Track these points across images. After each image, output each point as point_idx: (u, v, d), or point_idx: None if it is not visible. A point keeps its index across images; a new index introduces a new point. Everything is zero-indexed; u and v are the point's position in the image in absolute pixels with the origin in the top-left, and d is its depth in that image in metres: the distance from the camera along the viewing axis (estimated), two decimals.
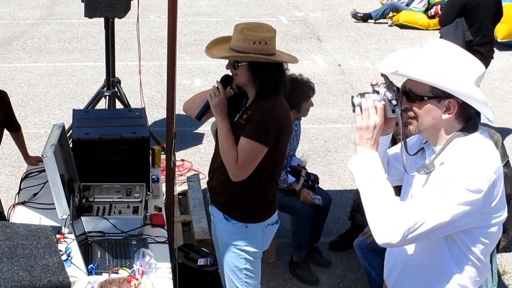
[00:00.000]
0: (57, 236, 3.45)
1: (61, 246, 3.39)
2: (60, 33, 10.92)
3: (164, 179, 4.39)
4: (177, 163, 6.05)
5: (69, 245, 3.42)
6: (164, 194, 4.36)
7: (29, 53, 9.94)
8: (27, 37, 10.71)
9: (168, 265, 3.36)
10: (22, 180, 4.18)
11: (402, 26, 11.65)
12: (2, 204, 4.56)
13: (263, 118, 3.34)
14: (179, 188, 5.83)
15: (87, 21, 8.57)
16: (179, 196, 5.83)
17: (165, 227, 3.72)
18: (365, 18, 12.14)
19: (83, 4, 5.89)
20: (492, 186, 2.32)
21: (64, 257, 3.27)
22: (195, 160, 6.69)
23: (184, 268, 4.33)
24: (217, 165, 3.58)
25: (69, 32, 10.97)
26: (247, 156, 3.35)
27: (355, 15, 12.07)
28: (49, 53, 9.93)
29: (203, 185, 6.06)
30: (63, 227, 3.55)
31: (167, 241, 3.58)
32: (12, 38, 10.63)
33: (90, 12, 5.92)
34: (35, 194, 3.96)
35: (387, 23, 12.01)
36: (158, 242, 3.54)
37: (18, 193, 4.04)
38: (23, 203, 3.90)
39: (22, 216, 3.76)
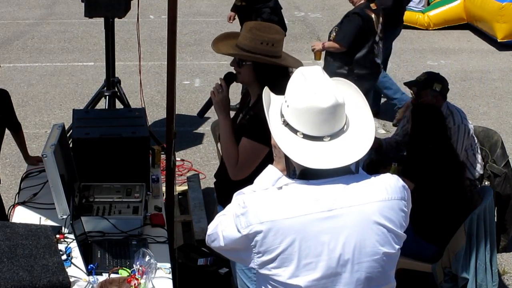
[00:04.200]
0: (57, 236, 3.45)
1: (61, 246, 3.39)
2: (60, 33, 10.92)
3: (164, 179, 4.39)
4: (177, 163, 6.04)
5: (69, 245, 3.42)
6: (164, 194, 4.36)
7: (29, 53, 9.94)
8: (27, 37, 10.71)
9: (168, 265, 3.36)
10: (22, 180, 4.17)
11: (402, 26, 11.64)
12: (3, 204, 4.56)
13: (265, 118, 3.33)
14: (179, 188, 5.83)
15: (87, 21, 8.56)
16: (179, 196, 5.83)
17: (165, 227, 3.72)
18: None
19: (83, 4, 5.88)
20: (255, 235, 2.14)
21: (64, 257, 3.27)
22: (195, 160, 6.69)
23: (184, 268, 4.33)
24: (221, 163, 3.57)
25: (69, 32, 10.97)
26: (248, 157, 3.33)
27: None
28: (49, 53, 9.93)
29: (203, 185, 6.07)
30: (63, 227, 3.55)
31: (167, 241, 3.58)
32: (12, 38, 10.63)
33: (90, 12, 5.91)
34: (35, 194, 3.95)
35: None
36: (158, 242, 3.54)
37: (18, 193, 4.03)
38: (23, 203, 3.89)
39: (22, 216, 3.76)
